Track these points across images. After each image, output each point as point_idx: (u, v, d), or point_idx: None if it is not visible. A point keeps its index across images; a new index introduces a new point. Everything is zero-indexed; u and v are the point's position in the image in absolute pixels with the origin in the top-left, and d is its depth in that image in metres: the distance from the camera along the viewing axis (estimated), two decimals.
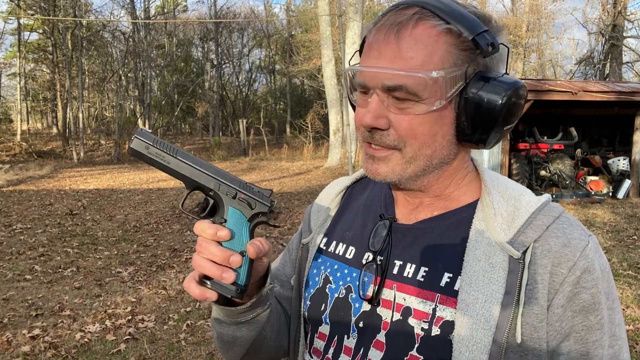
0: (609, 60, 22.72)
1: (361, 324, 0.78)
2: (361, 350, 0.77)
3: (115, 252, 6.40)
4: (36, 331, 3.88)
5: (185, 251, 6.33)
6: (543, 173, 10.10)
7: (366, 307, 0.78)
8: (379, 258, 0.80)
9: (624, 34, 22.69)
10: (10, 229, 7.61)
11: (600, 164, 10.66)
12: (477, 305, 0.68)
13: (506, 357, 0.66)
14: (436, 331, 0.70)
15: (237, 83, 38.49)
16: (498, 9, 28.82)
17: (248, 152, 22.02)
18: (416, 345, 0.71)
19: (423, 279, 0.74)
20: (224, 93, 35.28)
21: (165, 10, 34.67)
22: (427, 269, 0.75)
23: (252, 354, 0.90)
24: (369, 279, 0.79)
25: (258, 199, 0.74)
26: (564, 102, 9.42)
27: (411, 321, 0.73)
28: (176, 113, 30.67)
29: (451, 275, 0.72)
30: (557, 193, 9.67)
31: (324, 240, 0.91)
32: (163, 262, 5.85)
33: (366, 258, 0.82)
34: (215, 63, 33.05)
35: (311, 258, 0.91)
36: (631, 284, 4.81)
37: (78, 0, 24.01)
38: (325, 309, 0.84)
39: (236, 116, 33.57)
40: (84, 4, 26.34)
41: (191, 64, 35.53)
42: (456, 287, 0.71)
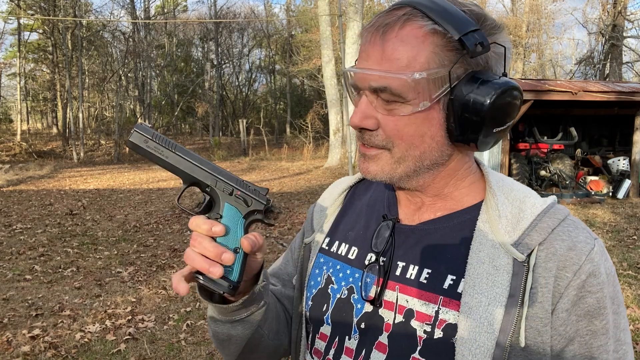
0: (609, 60, 22.73)
1: (363, 325, 0.78)
2: (363, 351, 0.77)
3: (115, 252, 6.40)
4: (36, 331, 3.88)
5: (185, 251, 6.32)
6: (543, 173, 10.10)
7: (368, 308, 0.78)
8: (382, 259, 0.79)
9: (624, 34, 22.70)
10: (10, 229, 7.61)
11: (600, 164, 10.67)
12: (481, 308, 0.67)
13: None
14: (439, 334, 0.70)
15: (237, 83, 38.50)
16: (498, 9, 28.86)
17: (248, 152, 22.02)
18: (418, 347, 0.71)
19: (426, 281, 0.74)
20: (224, 93, 35.28)
21: (165, 10, 34.68)
22: (430, 271, 0.74)
23: (250, 353, 0.90)
24: (372, 280, 0.78)
25: (254, 197, 0.74)
26: (564, 102, 9.42)
27: (414, 323, 0.72)
28: (176, 113, 30.67)
29: (454, 277, 0.72)
30: (557, 193, 9.67)
31: (327, 240, 0.91)
32: (163, 262, 5.85)
33: (369, 259, 0.81)
34: (215, 63, 33.05)
35: (313, 258, 0.90)
36: (631, 284, 4.82)
37: (78, 0, 24.01)
38: (327, 310, 0.83)
39: (236, 116, 33.57)
40: (84, 4, 26.35)
41: (191, 64, 35.53)
42: (459, 290, 0.70)
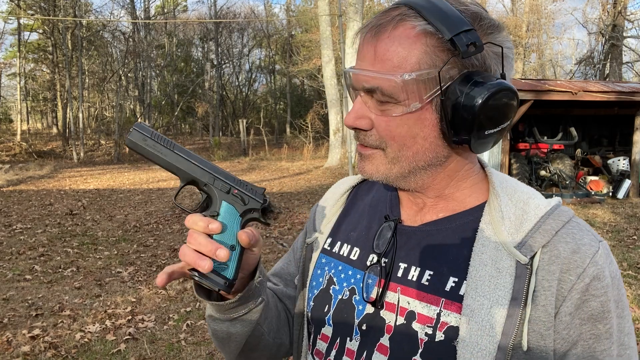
0: (609, 60, 22.73)
1: (364, 327, 0.77)
2: (364, 353, 0.76)
3: (115, 252, 6.40)
4: (36, 331, 3.88)
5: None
6: (543, 173, 10.10)
7: (370, 310, 0.78)
8: (384, 260, 0.79)
9: (624, 34, 22.70)
10: (10, 229, 7.61)
11: (600, 164, 10.66)
12: (483, 311, 0.66)
13: None
14: (440, 336, 0.69)
15: (237, 83, 38.51)
16: (498, 9, 28.86)
17: (248, 152, 22.02)
18: (420, 350, 0.70)
19: (428, 283, 0.73)
20: (224, 93, 35.28)
21: (165, 10, 34.68)
22: (432, 273, 0.73)
23: (250, 351, 0.89)
24: (373, 281, 0.78)
25: (251, 195, 0.75)
26: (564, 102, 9.42)
27: (415, 326, 0.72)
28: (176, 113, 30.67)
29: (456, 279, 0.71)
30: (557, 193, 9.67)
31: (329, 240, 0.90)
32: (163, 262, 5.84)
33: (370, 260, 0.81)
34: (215, 63, 33.06)
35: (315, 258, 0.90)
36: (631, 284, 4.81)
37: (78, 0, 24.01)
38: (328, 311, 0.83)
39: (236, 116, 33.57)
40: (84, 4, 26.36)
41: (191, 64, 35.53)
42: (461, 292, 0.69)
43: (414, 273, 0.75)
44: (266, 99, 37.34)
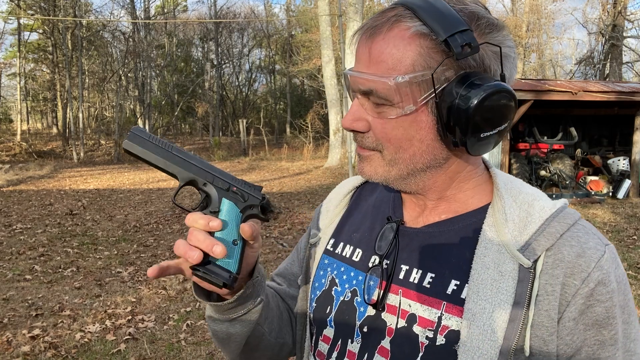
0: (609, 60, 22.73)
1: (365, 329, 0.77)
2: (365, 355, 0.76)
3: (115, 252, 6.40)
4: (36, 331, 3.88)
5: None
6: (543, 173, 10.10)
7: (371, 312, 0.77)
8: (385, 262, 0.78)
9: (624, 34, 22.70)
10: (10, 229, 7.61)
11: (600, 164, 10.66)
12: (484, 315, 0.65)
13: None
14: (441, 340, 0.68)
15: (237, 83, 38.51)
16: (498, 9, 28.84)
17: (248, 152, 22.02)
18: (420, 354, 0.70)
19: (429, 286, 0.72)
20: (224, 93, 35.28)
21: (165, 10, 34.68)
22: (434, 275, 0.73)
23: (251, 351, 0.89)
24: (375, 283, 0.77)
25: (250, 193, 0.75)
26: (564, 102, 9.42)
27: (416, 329, 0.71)
28: (176, 113, 30.67)
29: (458, 282, 0.70)
30: (557, 193, 9.67)
31: (331, 241, 0.90)
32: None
33: (372, 261, 0.80)
34: (215, 63, 33.06)
35: (318, 259, 0.90)
36: (631, 284, 4.82)
37: (78, 0, 24.01)
38: (330, 312, 0.83)
39: (236, 116, 33.57)
40: (84, 4, 26.36)
41: (191, 64, 35.53)
42: (463, 296, 0.69)
43: (416, 275, 0.74)
44: (266, 99, 37.34)
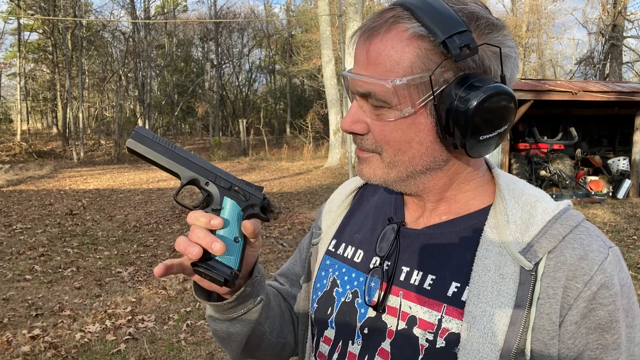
0: (609, 60, 22.73)
1: (366, 330, 0.77)
2: (365, 357, 0.76)
3: (115, 252, 6.40)
4: (36, 331, 3.88)
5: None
6: (543, 173, 10.10)
7: (371, 314, 0.77)
8: (386, 263, 0.78)
9: (624, 34, 22.70)
10: (10, 229, 7.61)
11: (600, 164, 10.66)
12: (485, 318, 0.65)
13: None
14: (441, 343, 0.68)
15: (237, 83, 38.50)
16: (498, 9, 28.84)
17: (248, 152, 22.02)
18: (420, 356, 0.69)
19: (429, 287, 0.72)
20: (224, 93, 35.28)
21: (165, 10, 34.68)
22: (435, 277, 0.72)
23: (253, 350, 0.89)
24: (376, 285, 0.77)
25: (252, 192, 0.76)
26: (564, 102, 9.42)
27: (416, 331, 0.71)
28: (176, 113, 30.67)
29: (459, 285, 0.69)
30: (557, 193, 9.67)
31: (333, 242, 0.89)
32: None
33: (374, 262, 0.80)
34: (215, 63, 33.06)
35: (320, 260, 0.89)
36: None
37: (78, 0, 24.01)
38: (331, 313, 0.82)
39: (236, 116, 33.57)
40: (84, 4, 26.36)
41: (191, 64, 35.53)
42: (463, 298, 0.68)
43: (416, 277, 0.74)
44: (266, 99, 37.34)
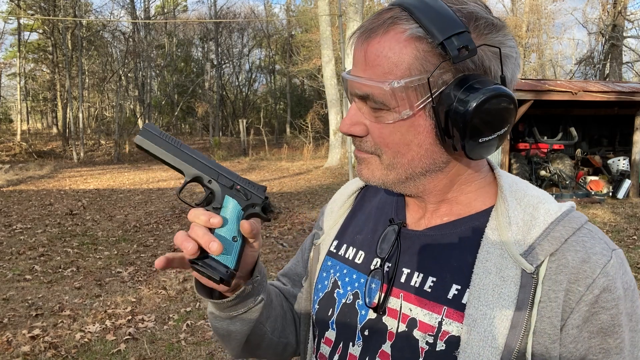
0: (609, 60, 22.73)
1: (366, 332, 0.76)
2: (366, 359, 0.75)
3: (115, 252, 6.40)
4: (36, 331, 3.88)
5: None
6: (543, 173, 10.10)
7: (372, 315, 0.76)
8: (387, 264, 0.77)
9: (624, 34, 22.71)
10: (10, 229, 7.61)
11: (600, 164, 10.67)
12: (485, 321, 0.64)
13: None
14: (441, 346, 0.67)
15: (237, 83, 38.50)
16: (498, 9, 28.83)
17: (248, 152, 22.02)
18: (420, 359, 0.69)
19: (430, 290, 0.71)
20: (224, 93, 35.28)
21: (165, 10, 34.69)
22: (435, 279, 0.71)
23: (254, 349, 0.89)
24: (377, 286, 0.77)
25: (253, 192, 0.76)
26: (564, 102, 9.42)
27: (416, 334, 0.70)
28: (176, 113, 30.68)
29: (459, 287, 0.69)
30: (557, 193, 9.67)
31: (335, 243, 0.89)
32: None
33: (374, 264, 0.79)
34: (215, 63, 33.06)
35: (321, 261, 0.89)
36: None
37: (78, 0, 24.01)
38: (332, 314, 0.82)
39: (236, 116, 33.57)
40: (84, 4, 26.36)
41: (191, 64, 35.54)
42: (464, 301, 0.67)
43: (417, 279, 0.73)
44: (266, 99, 37.34)
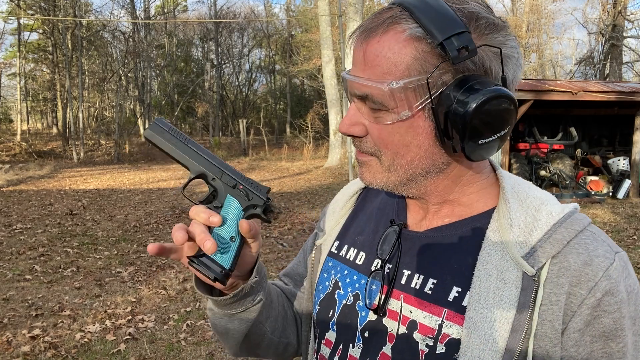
0: (609, 60, 22.73)
1: (367, 334, 0.76)
2: None
3: (115, 252, 6.39)
4: (36, 331, 3.88)
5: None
6: (543, 173, 10.10)
7: (372, 317, 0.76)
8: (388, 266, 0.77)
9: (624, 34, 22.70)
10: (10, 229, 7.61)
11: (600, 164, 10.67)
12: (486, 324, 0.63)
13: None
14: (441, 349, 0.66)
15: (237, 83, 38.50)
16: (498, 9, 28.81)
17: (248, 152, 22.02)
18: None
19: (430, 292, 0.70)
20: (224, 93, 35.28)
21: (165, 10, 34.68)
22: (436, 281, 0.71)
23: (253, 348, 0.89)
24: (377, 288, 0.76)
25: (256, 192, 0.76)
26: (564, 102, 9.42)
27: (416, 336, 0.69)
28: (176, 113, 30.66)
29: (460, 289, 0.68)
30: (557, 193, 9.67)
31: (336, 243, 0.89)
32: (163, 262, 5.84)
33: (375, 265, 0.79)
34: (215, 63, 33.06)
35: (322, 261, 0.89)
36: None
37: (78, 0, 24.01)
38: (333, 315, 0.82)
39: (236, 116, 33.57)
40: (84, 4, 26.36)
41: (191, 64, 35.53)
42: (464, 303, 0.66)
43: (417, 281, 0.72)
44: (266, 99, 37.35)
